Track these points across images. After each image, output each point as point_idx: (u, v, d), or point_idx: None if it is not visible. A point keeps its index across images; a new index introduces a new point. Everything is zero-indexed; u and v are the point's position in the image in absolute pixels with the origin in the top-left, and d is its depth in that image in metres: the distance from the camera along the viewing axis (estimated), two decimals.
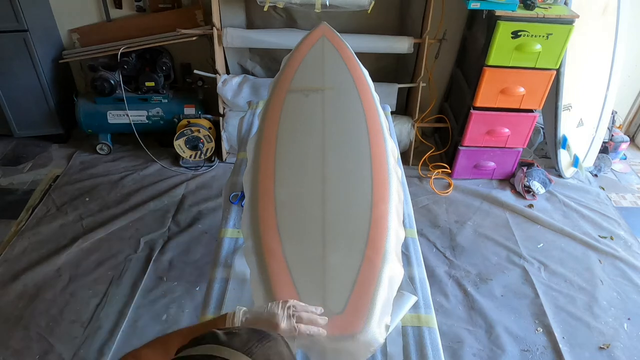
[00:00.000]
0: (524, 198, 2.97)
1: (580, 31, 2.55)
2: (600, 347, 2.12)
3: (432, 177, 3.11)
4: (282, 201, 1.20)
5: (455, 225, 2.77)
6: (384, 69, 3.22)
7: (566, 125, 2.95)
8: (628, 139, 3.40)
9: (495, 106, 2.78)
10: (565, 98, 2.82)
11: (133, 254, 2.47)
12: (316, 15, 2.75)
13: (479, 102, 2.76)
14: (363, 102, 1.64)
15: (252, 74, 3.17)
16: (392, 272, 1.11)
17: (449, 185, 3.08)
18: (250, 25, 3.02)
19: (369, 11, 2.63)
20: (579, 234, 2.72)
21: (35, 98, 3.04)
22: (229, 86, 2.97)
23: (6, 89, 2.97)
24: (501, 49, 2.54)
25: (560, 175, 3.19)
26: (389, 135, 1.56)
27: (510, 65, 2.59)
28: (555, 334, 2.15)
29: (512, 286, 2.40)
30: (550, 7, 2.51)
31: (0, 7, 2.67)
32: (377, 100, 1.70)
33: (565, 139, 2.95)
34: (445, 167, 3.13)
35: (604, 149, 3.33)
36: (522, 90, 2.69)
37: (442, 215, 2.84)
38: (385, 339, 1.04)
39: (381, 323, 1.02)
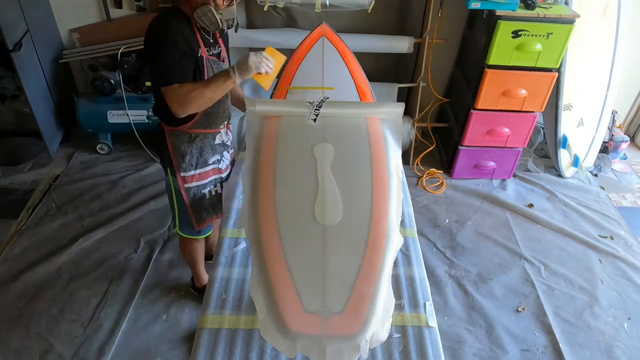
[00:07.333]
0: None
1: (580, 31, 2.55)
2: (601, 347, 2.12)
3: (432, 177, 3.11)
4: (282, 201, 1.20)
5: (456, 225, 2.77)
6: (384, 68, 3.22)
7: (566, 125, 2.95)
8: (628, 138, 3.40)
9: (497, 108, 2.78)
10: (566, 98, 2.82)
11: (133, 253, 2.47)
12: (316, 15, 2.75)
13: (480, 105, 2.76)
14: (363, 101, 1.65)
15: None
16: (392, 272, 1.11)
17: (450, 185, 3.07)
18: (250, 25, 3.02)
19: (369, 11, 2.63)
20: (579, 234, 2.72)
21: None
22: None
23: None
24: (502, 48, 2.54)
25: (560, 175, 3.19)
26: None
27: (510, 64, 2.59)
28: (556, 334, 2.15)
29: (512, 286, 2.40)
30: (550, 7, 2.51)
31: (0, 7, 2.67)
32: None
33: (565, 139, 2.94)
34: (445, 168, 3.13)
35: (604, 149, 3.33)
36: (523, 92, 2.68)
37: (442, 215, 2.84)
38: (386, 339, 1.04)
39: (382, 323, 1.02)
